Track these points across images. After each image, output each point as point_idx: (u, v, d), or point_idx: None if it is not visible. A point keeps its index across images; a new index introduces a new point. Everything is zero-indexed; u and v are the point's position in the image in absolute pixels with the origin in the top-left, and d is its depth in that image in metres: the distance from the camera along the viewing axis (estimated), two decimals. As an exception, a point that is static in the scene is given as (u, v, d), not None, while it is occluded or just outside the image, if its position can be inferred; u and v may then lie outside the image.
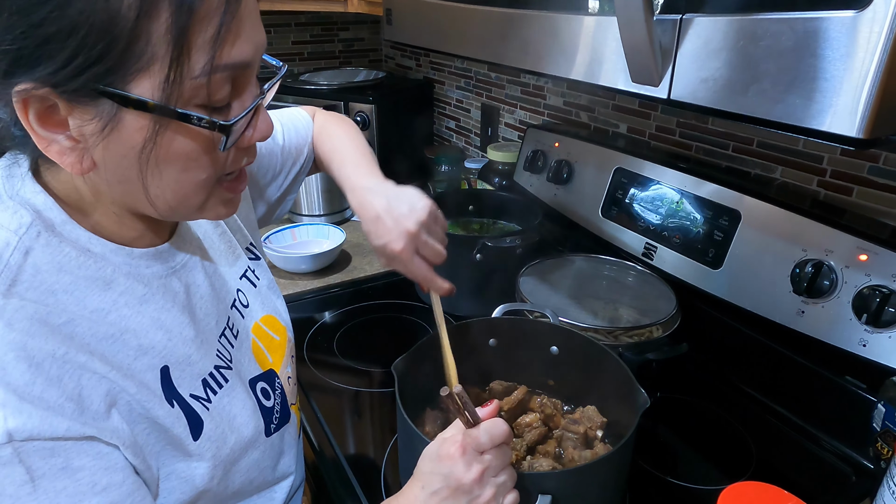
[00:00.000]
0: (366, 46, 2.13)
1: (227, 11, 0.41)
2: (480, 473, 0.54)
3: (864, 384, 0.81)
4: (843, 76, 0.46)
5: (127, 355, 0.48)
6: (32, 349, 0.42)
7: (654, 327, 0.91)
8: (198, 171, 0.46)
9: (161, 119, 0.42)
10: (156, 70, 0.40)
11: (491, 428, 0.55)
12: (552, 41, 0.74)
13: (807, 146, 0.95)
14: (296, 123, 0.85)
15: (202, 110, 0.43)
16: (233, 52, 0.42)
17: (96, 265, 0.48)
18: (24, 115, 0.41)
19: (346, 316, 1.16)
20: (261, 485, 0.62)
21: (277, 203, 0.86)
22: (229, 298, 0.64)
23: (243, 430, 0.57)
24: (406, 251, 0.70)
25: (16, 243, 0.45)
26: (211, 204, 0.50)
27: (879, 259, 0.77)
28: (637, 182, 1.11)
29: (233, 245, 0.68)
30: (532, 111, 1.51)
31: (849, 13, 0.44)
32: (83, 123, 0.41)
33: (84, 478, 0.43)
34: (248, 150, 0.51)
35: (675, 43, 0.57)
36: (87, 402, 0.44)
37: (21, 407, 0.40)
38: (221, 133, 0.45)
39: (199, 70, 0.41)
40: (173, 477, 0.51)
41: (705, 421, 0.90)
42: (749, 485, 0.59)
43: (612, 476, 0.66)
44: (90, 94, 0.40)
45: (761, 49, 0.51)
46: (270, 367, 0.66)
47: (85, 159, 0.43)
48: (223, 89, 0.44)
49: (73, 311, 0.46)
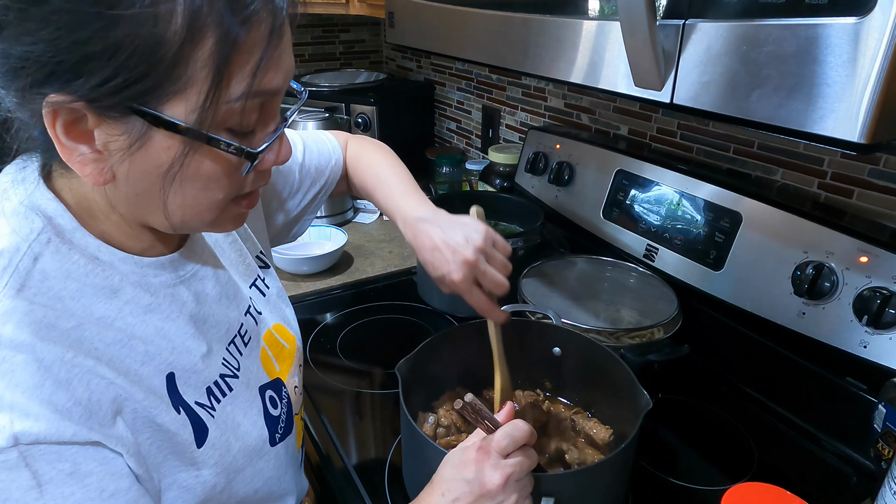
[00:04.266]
0: (367, 48, 2.13)
1: (270, 45, 0.42)
2: (505, 479, 0.54)
3: (864, 385, 0.82)
4: (844, 82, 0.46)
5: (134, 360, 0.48)
6: (41, 352, 0.42)
7: (656, 329, 0.91)
8: (217, 192, 0.47)
9: (190, 142, 0.42)
10: (192, 94, 0.41)
11: (511, 430, 0.55)
12: (554, 45, 0.74)
13: (807, 149, 0.95)
14: (319, 146, 0.84)
15: (230, 135, 0.44)
16: (266, 79, 0.43)
17: (104, 273, 0.49)
18: (52, 124, 0.41)
19: (349, 317, 1.17)
20: (266, 496, 0.61)
21: (295, 220, 0.85)
22: (244, 305, 0.64)
23: (248, 438, 0.57)
24: (465, 282, 0.69)
25: (26, 249, 0.45)
26: (221, 220, 0.51)
27: (880, 261, 0.78)
28: (638, 184, 1.11)
29: (243, 254, 0.68)
30: (533, 113, 1.51)
31: (850, 20, 0.45)
32: (110, 138, 0.42)
33: (92, 483, 0.43)
34: (264, 174, 0.52)
35: (677, 48, 0.58)
36: (95, 408, 0.44)
37: (29, 410, 0.40)
38: (248, 160, 0.46)
39: (235, 96, 0.42)
40: (175, 487, 0.51)
41: (707, 422, 0.91)
42: (752, 485, 0.59)
43: (614, 477, 0.66)
44: (123, 110, 0.40)
45: (764, 54, 0.51)
46: (278, 376, 0.66)
47: (105, 171, 0.44)
48: (253, 115, 0.45)
49: (81, 317, 0.46)
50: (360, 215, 1.63)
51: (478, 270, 0.70)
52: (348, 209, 1.61)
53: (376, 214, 1.63)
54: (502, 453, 0.55)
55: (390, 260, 1.40)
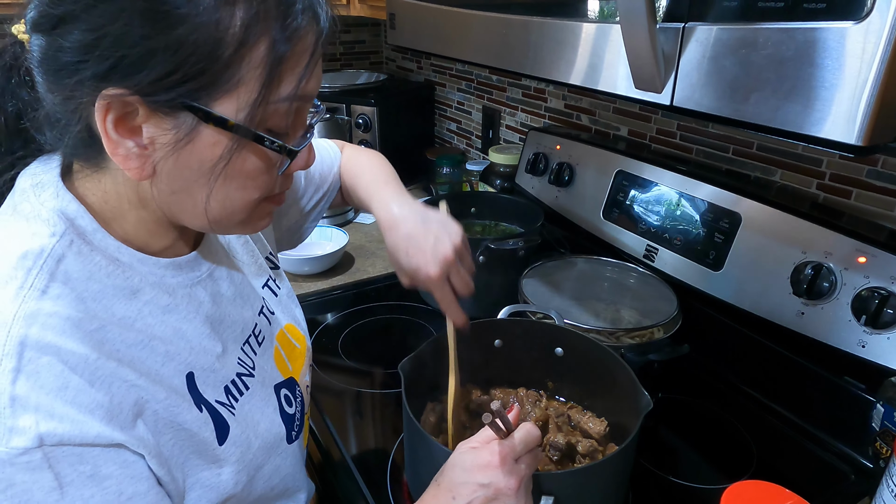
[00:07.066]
0: (367, 49, 2.14)
1: (315, 53, 0.46)
2: (519, 482, 0.55)
3: (863, 385, 0.82)
4: (842, 85, 0.47)
5: (155, 361, 0.49)
6: (66, 354, 0.42)
7: (656, 328, 0.92)
8: (253, 190, 0.49)
9: (238, 138, 0.45)
10: (242, 93, 0.43)
11: (526, 436, 0.56)
12: (554, 47, 0.75)
13: (806, 150, 0.96)
14: (321, 153, 0.85)
15: (270, 135, 0.46)
16: (308, 85, 0.47)
17: (124, 274, 0.49)
18: (103, 118, 0.42)
19: (350, 317, 1.17)
20: (282, 492, 0.62)
21: (298, 226, 0.85)
22: (257, 305, 0.64)
23: (267, 435, 0.58)
24: (440, 278, 0.70)
25: (50, 250, 0.45)
26: (252, 218, 0.52)
27: (878, 261, 0.78)
28: (638, 184, 1.12)
29: (255, 255, 0.68)
30: (533, 114, 1.52)
31: (847, 24, 0.45)
32: (159, 133, 0.43)
33: (111, 486, 0.43)
34: (289, 177, 0.54)
35: (677, 51, 0.58)
36: (117, 410, 0.44)
37: (54, 411, 0.40)
38: (287, 157, 0.48)
39: (283, 97, 0.45)
40: (198, 486, 0.51)
41: (706, 421, 0.91)
42: (751, 483, 0.60)
43: (614, 476, 0.67)
44: (175, 106, 0.42)
45: (762, 58, 0.52)
46: (291, 375, 0.66)
47: (147, 166, 0.45)
48: (290, 118, 0.48)
49: (103, 318, 0.46)
50: (361, 216, 1.64)
51: (453, 269, 0.71)
52: (349, 209, 1.62)
53: (377, 215, 1.63)
54: (515, 458, 0.55)
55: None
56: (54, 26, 0.41)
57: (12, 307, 0.42)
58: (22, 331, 0.41)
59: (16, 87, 0.48)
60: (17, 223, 0.47)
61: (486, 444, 0.56)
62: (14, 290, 0.43)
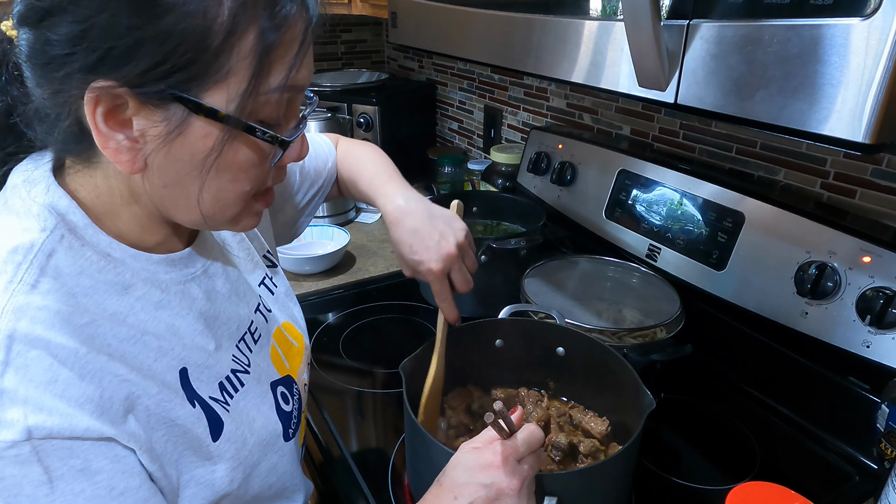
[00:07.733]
0: (368, 48, 2.14)
1: (304, 43, 0.46)
2: (521, 482, 0.54)
3: (867, 385, 0.82)
4: (848, 82, 0.46)
5: (148, 356, 0.49)
6: (55, 347, 0.42)
7: (659, 328, 0.91)
8: (244, 183, 0.49)
9: (229, 129, 0.44)
10: (232, 83, 0.43)
11: (529, 437, 0.56)
12: (557, 45, 0.74)
13: (810, 149, 0.95)
14: (316, 148, 0.85)
15: (262, 126, 0.46)
16: (299, 75, 0.46)
17: (115, 270, 0.49)
18: (92, 111, 0.42)
19: (351, 317, 1.17)
20: (279, 491, 0.62)
21: (294, 221, 0.86)
22: (253, 302, 0.64)
23: (262, 432, 0.58)
24: (442, 273, 0.71)
25: (40, 245, 0.45)
26: (243, 215, 0.52)
27: (882, 261, 0.78)
28: (640, 184, 1.11)
29: (251, 253, 0.68)
30: (535, 113, 1.51)
31: (854, 20, 0.45)
32: (149, 125, 0.43)
33: (102, 481, 0.43)
34: (283, 169, 0.54)
35: (682, 48, 0.58)
36: (107, 404, 0.44)
37: (42, 404, 0.40)
38: (280, 147, 0.48)
39: (273, 87, 0.45)
40: (193, 483, 0.51)
41: (709, 422, 0.91)
42: (757, 485, 0.60)
43: (617, 477, 0.66)
44: (165, 98, 0.42)
45: (768, 55, 0.51)
46: (288, 373, 0.66)
47: (138, 160, 0.45)
48: (281, 109, 0.47)
49: (94, 313, 0.46)
50: (363, 215, 1.64)
51: (454, 265, 0.72)
52: (350, 209, 1.61)
53: (378, 214, 1.63)
54: (518, 458, 0.55)
55: (392, 260, 1.40)
56: (41, 19, 0.41)
57: (1, 301, 0.42)
58: (11, 324, 0.41)
59: (5, 84, 0.47)
60: (7, 219, 0.47)
61: (489, 444, 0.56)
62: (3, 284, 0.43)
